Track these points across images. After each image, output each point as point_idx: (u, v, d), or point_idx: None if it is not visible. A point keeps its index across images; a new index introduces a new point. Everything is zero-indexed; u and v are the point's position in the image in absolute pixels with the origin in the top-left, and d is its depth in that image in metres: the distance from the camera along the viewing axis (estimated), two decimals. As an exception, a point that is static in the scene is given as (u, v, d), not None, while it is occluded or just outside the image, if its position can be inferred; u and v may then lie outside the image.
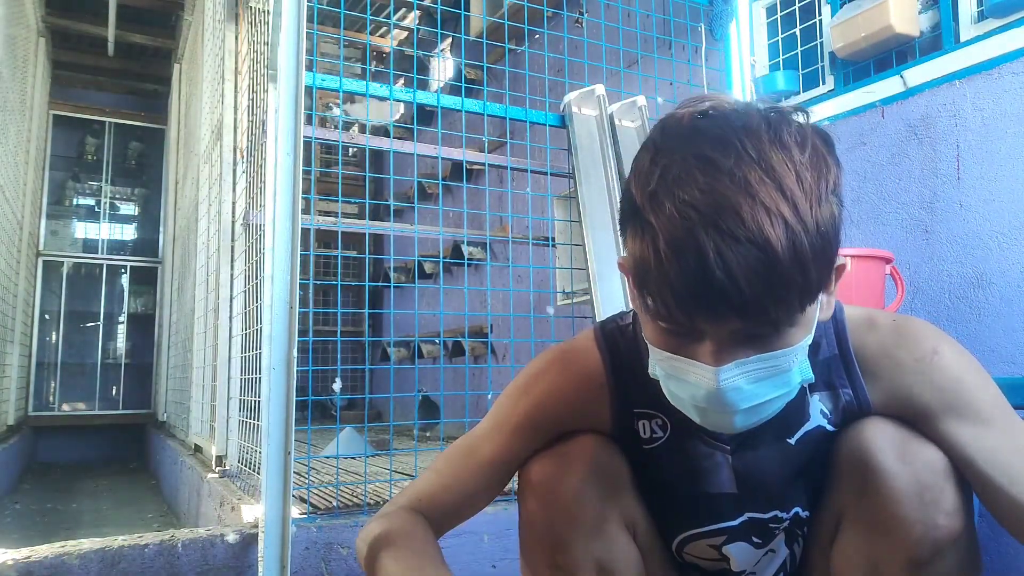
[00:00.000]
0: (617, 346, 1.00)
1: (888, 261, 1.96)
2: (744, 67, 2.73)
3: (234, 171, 2.74)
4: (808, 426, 0.95)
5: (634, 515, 1.01)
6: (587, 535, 0.96)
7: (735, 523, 0.99)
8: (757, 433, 0.94)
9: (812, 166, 0.74)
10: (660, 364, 0.83)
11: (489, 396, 2.67)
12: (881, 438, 0.90)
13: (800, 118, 0.78)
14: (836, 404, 0.95)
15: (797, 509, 0.99)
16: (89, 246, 6.51)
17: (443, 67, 5.40)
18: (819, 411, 0.95)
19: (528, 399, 1.02)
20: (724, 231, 0.69)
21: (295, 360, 1.62)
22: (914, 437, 0.90)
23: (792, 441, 0.95)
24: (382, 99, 2.26)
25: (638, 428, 0.99)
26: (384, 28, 5.60)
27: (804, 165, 0.73)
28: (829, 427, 0.95)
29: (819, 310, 0.81)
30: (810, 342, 0.81)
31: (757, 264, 0.69)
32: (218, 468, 2.60)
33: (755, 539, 1.00)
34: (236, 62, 2.83)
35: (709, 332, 0.76)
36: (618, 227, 0.86)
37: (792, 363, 0.79)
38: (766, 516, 0.99)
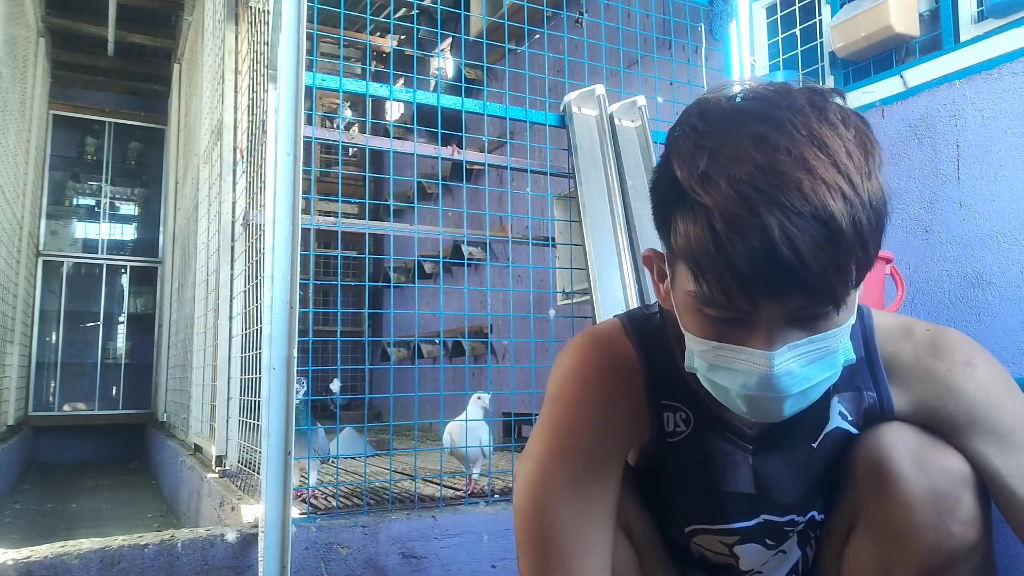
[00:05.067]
0: (647, 335, 0.98)
1: (888, 261, 1.96)
2: (744, 67, 2.73)
3: (234, 171, 2.74)
4: (828, 428, 0.94)
5: (628, 516, 1.01)
6: None
7: (749, 524, 0.98)
8: (779, 435, 0.94)
9: (858, 143, 0.74)
10: (703, 355, 0.81)
11: (489, 396, 2.67)
12: (899, 443, 0.89)
13: (838, 100, 0.78)
14: (859, 406, 0.94)
15: (813, 513, 0.98)
16: (89, 246, 6.50)
17: (443, 67, 5.40)
18: (838, 413, 0.94)
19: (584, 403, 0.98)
20: (787, 207, 0.69)
21: (295, 360, 1.61)
22: (933, 443, 0.89)
23: (814, 444, 0.95)
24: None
25: (664, 420, 0.97)
26: (384, 28, 5.60)
27: (852, 142, 0.73)
28: (852, 429, 0.94)
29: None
30: (852, 323, 0.80)
31: (822, 239, 0.69)
32: (218, 468, 2.59)
33: (768, 541, 1.00)
34: (236, 62, 2.82)
35: (764, 315, 0.74)
36: (652, 216, 0.84)
37: (839, 344, 0.79)
38: (782, 520, 0.98)
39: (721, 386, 0.81)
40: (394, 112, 6.02)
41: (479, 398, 2.17)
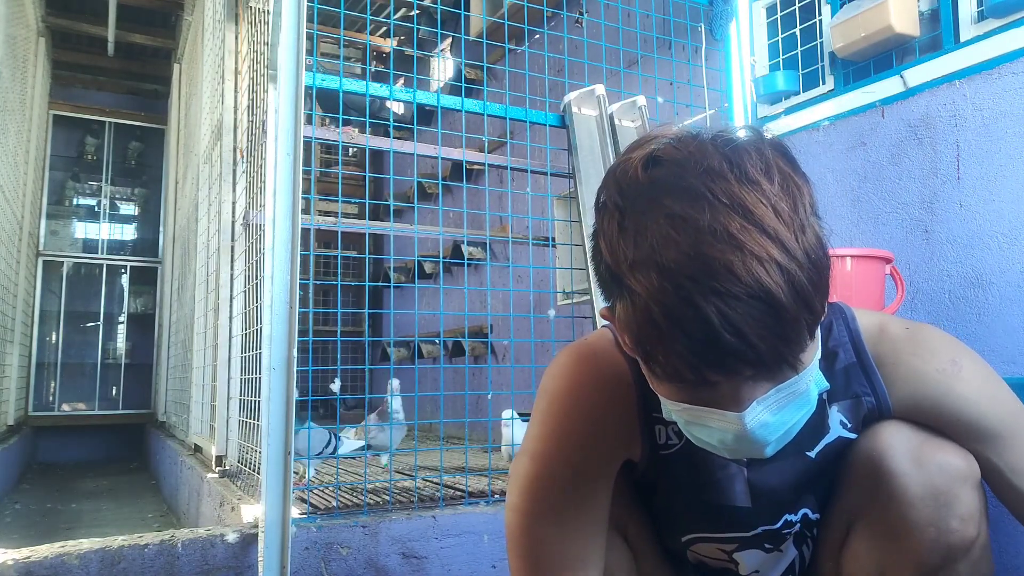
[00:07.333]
0: None
1: (888, 261, 1.96)
2: (744, 67, 2.73)
3: (234, 171, 2.74)
4: (828, 438, 0.94)
5: (624, 517, 1.01)
6: None
7: (748, 535, 0.99)
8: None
9: (785, 194, 0.71)
10: (677, 413, 0.80)
11: (489, 396, 2.67)
12: (896, 441, 0.89)
13: (753, 139, 0.74)
14: (857, 412, 0.94)
15: (806, 510, 0.98)
16: (89, 246, 6.50)
17: (443, 67, 5.40)
18: (838, 422, 0.94)
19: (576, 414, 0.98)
20: (723, 292, 0.66)
21: (295, 360, 1.61)
22: (930, 440, 0.89)
23: (812, 455, 0.94)
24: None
25: (656, 432, 0.97)
26: (384, 28, 5.60)
27: (778, 196, 0.70)
28: (852, 435, 0.94)
29: None
30: (820, 356, 0.79)
31: (764, 317, 0.67)
32: (218, 468, 2.59)
33: (767, 545, 1.00)
34: (236, 62, 2.83)
35: (725, 383, 0.73)
36: (597, 287, 0.82)
37: (808, 383, 0.77)
38: (778, 525, 0.98)
39: (703, 440, 0.81)
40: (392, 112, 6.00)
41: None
